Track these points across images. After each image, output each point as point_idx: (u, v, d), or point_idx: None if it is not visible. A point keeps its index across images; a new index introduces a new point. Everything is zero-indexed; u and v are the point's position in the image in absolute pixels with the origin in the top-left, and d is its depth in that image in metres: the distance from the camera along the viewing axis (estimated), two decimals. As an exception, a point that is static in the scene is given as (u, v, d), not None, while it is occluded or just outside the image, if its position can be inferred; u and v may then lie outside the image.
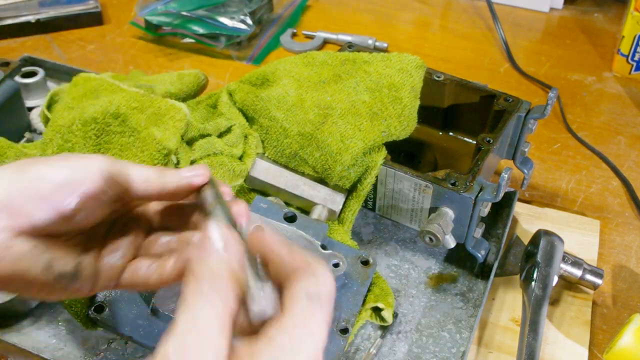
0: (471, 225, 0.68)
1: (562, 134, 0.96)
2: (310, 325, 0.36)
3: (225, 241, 0.38)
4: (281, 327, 0.35)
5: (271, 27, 1.16)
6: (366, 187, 0.71)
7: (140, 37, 1.13)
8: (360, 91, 0.74)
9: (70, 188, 0.42)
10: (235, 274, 0.37)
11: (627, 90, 1.04)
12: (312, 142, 0.72)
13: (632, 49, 1.03)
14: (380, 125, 0.72)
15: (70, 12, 1.13)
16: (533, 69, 1.08)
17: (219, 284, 0.36)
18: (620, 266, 0.78)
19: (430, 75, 0.79)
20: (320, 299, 0.37)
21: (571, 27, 1.18)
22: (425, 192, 0.69)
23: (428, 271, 0.74)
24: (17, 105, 0.85)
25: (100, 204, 0.44)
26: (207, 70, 0.92)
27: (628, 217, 0.84)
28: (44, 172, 0.42)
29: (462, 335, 0.68)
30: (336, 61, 0.79)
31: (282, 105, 0.74)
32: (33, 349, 0.65)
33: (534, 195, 0.86)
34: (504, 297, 0.73)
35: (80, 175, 0.43)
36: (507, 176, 0.64)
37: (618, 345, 0.65)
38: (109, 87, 0.73)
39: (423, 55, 0.80)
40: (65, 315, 0.67)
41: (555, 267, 0.70)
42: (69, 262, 0.45)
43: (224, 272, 0.37)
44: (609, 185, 0.88)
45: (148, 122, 0.68)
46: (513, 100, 0.76)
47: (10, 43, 1.11)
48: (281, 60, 0.81)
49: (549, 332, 0.70)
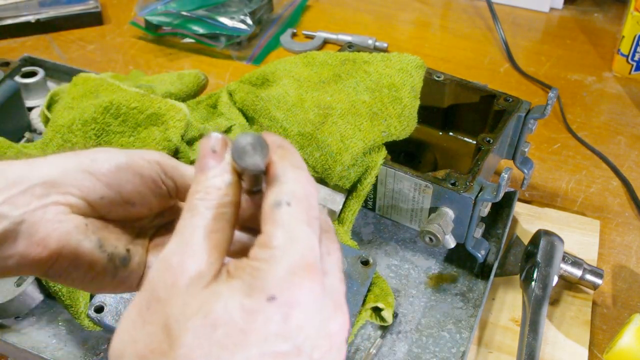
0: (471, 225, 0.68)
1: (562, 134, 0.96)
2: (289, 231, 0.33)
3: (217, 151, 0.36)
4: (259, 244, 0.33)
5: (271, 27, 1.16)
6: (366, 187, 0.71)
7: (140, 37, 1.13)
8: (360, 91, 0.74)
9: (128, 172, 0.42)
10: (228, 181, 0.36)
11: (627, 90, 1.04)
12: (312, 142, 0.72)
13: (632, 49, 1.03)
14: (380, 125, 0.72)
15: (70, 12, 1.13)
16: (533, 69, 1.08)
17: (210, 196, 0.35)
18: (620, 266, 0.78)
19: (430, 75, 0.79)
20: (289, 203, 0.34)
21: (571, 27, 1.18)
22: (425, 192, 0.69)
23: (428, 271, 0.74)
24: (17, 105, 0.85)
25: (155, 194, 0.43)
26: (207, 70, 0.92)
27: (628, 217, 0.84)
28: (101, 155, 0.42)
29: (462, 335, 0.68)
30: (336, 61, 0.79)
31: (282, 105, 0.74)
32: (33, 349, 0.65)
33: (534, 195, 0.86)
34: (504, 297, 0.73)
35: (139, 162, 0.42)
36: (507, 176, 0.64)
37: (618, 345, 0.65)
38: (109, 87, 0.73)
39: (423, 55, 0.80)
40: (65, 315, 0.67)
41: (555, 267, 0.70)
42: (120, 246, 0.44)
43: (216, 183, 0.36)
44: (609, 185, 0.88)
45: (148, 122, 0.68)
46: (513, 100, 0.76)
47: (10, 43, 1.11)
48: (281, 60, 0.81)
49: (549, 332, 0.70)
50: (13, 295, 0.65)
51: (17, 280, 0.65)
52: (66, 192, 0.41)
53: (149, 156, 0.43)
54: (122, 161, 0.42)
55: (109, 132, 0.68)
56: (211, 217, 0.35)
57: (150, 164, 0.43)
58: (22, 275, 0.61)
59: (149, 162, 0.43)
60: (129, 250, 0.45)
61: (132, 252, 0.45)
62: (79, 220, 0.42)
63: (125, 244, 0.45)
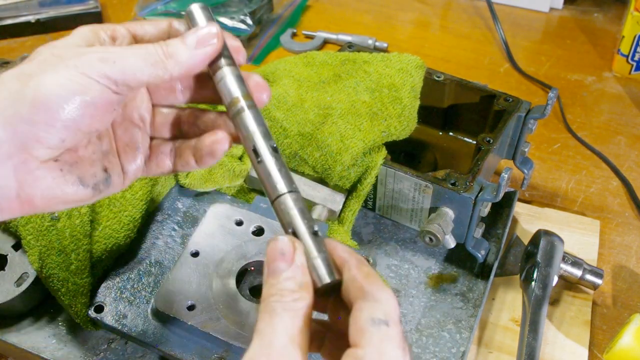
0: (471, 225, 0.68)
1: (562, 134, 0.96)
2: (385, 353, 0.36)
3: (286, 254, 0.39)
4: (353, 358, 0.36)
5: (271, 27, 1.16)
6: (366, 187, 0.71)
7: (140, 37, 1.13)
8: (360, 91, 0.74)
9: (83, 108, 0.39)
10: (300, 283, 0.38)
11: (627, 90, 1.04)
12: (312, 142, 0.72)
13: (632, 49, 1.03)
14: (380, 125, 0.72)
15: (70, 12, 1.13)
16: (533, 69, 1.08)
17: (285, 298, 0.37)
18: (620, 266, 0.78)
19: (430, 75, 0.79)
20: (387, 324, 0.36)
21: (571, 27, 1.18)
22: (425, 192, 0.69)
23: (428, 271, 0.74)
24: (17, 105, 0.85)
25: (111, 111, 0.42)
26: (207, 70, 0.92)
27: (628, 217, 0.84)
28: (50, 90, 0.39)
29: (462, 335, 0.68)
30: (336, 61, 0.79)
31: (282, 105, 0.74)
32: (33, 349, 0.65)
33: (534, 195, 0.86)
34: (504, 297, 0.73)
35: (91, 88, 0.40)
36: (507, 176, 0.64)
37: (618, 345, 0.65)
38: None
39: (423, 55, 0.80)
40: (65, 315, 0.67)
41: (555, 267, 0.70)
42: (98, 171, 0.44)
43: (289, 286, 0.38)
44: (609, 185, 0.88)
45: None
46: (513, 100, 0.76)
47: (10, 43, 1.11)
48: (281, 60, 0.81)
49: (549, 332, 0.70)
50: (13, 295, 0.65)
51: (17, 280, 0.65)
52: (26, 146, 0.39)
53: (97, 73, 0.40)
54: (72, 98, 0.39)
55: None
56: (289, 318, 0.37)
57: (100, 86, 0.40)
58: None
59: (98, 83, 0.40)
60: (106, 169, 0.44)
61: (109, 168, 0.45)
62: (54, 169, 0.41)
63: (100, 163, 0.44)
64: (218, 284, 0.62)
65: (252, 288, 0.64)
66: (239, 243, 0.65)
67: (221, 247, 0.64)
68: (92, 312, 0.62)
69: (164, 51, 0.42)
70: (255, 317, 0.60)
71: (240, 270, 0.63)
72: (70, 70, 0.39)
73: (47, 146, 0.39)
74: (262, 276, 0.64)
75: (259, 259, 0.64)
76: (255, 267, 0.64)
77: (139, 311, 0.62)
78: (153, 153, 0.48)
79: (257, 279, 0.64)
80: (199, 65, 0.43)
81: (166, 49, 0.42)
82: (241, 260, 0.64)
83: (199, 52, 0.43)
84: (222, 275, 0.63)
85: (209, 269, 0.63)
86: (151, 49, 0.42)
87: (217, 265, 0.63)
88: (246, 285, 0.64)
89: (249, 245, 0.65)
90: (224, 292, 0.61)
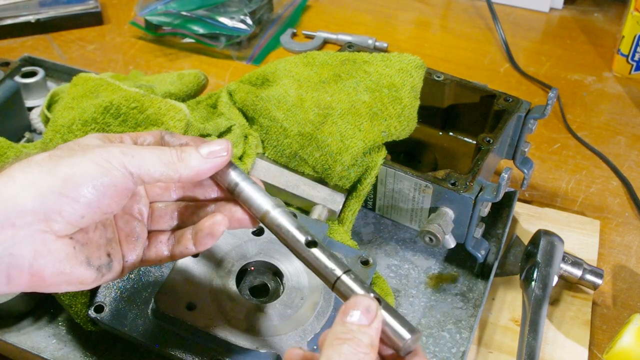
0: (471, 225, 0.68)
1: (562, 134, 0.96)
2: None
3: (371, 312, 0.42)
4: None
5: (271, 27, 1.16)
6: (366, 187, 0.71)
7: (140, 37, 1.13)
8: (360, 91, 0.74)
9: (105, 188, 0.44)
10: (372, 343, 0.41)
11: (627, 90, 1.04)
12: (312, 142, 0.72)
13: (632, 49, 1.03)
14: (380, 125, 0.72)
15: (70, 12, 1.13)
16: (533, 69, 1.08)
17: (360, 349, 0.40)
18: (620, 266, 0.78)
19: (430, 75, 0.79)
20: None
21: (571, 27, 1.18)
22: (425, 192, 0.69)
23: (428, 271, 0.74)
24: (17, 105, 0.85)
25: (127, 196, 0.46)
26: (207, 70, 0.92)
27: (628, 217, 0.84)
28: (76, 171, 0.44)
29: (462, 335, 0.68)
30: (336, 61, 0.79)
31: (282, 105, 0.74)
32: (33, 349, 0.65)
33: (534, 195, 0.86)
34: (504, 297, 0.73)
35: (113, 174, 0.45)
36: (507, 176, 0.64)
37: (618, 345, 0.65)
38: (109, 87, 0.73)
39: (423, 55, 0.80)
40: (65, 315, 0.67)
41: (555, 267, 0.70)
42: (102, 255, 0.48)
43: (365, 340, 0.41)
44: (609, 185, 0.88)
45: (148, 122, 0.68)
46: (513, 100, 0.76)
47: (10, 43, 1.11)
48: (281, 60, 0.81)
49: (549, 332, 0.70)
50: (13, 295, 0.65)
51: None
52: (48, 219, 0.43)
53: (118, 162, 0.45)
54: (98, 179, 0.44)
55: (109, 132, 0.68)
56: None
57: (121, 172, 0.45)
58: None
59: (119, 170, 0.45)
60: (109, 255, 0.49)
61: (112, 254, 0.49)
62: (68, 246, 0.44)
63: (105, 249, 0.48)
64: (218, 284, 0.62)
65: (252, 288, 0.64)
66: (239, 243, 0.65)
67: (221, 247, 0.64)
68: (92, 312, 0.62)
69: (178, 155, 0.48)
70: (256, 317, 0.60)
71: (240, 270, 0.63)
72: (96, 157, 0.45)
73: (67, 220, 0.43)
74: (261, 276, 0.64)
75: (259, 259, 0.64)
76: (255, 267, 0.64)
77: (139, 311, 0.62)
78: (151, 242, 0.53)
79: (257, 279, 0.64)
80: (207, 173, 0.49)
81: (181, 153, 0.48)
82: (241, 260, 0.64)
83: (209, 161, 0.48)
84: (222, 275, 0.63)
85: (209, 269, 0.63)
86: (167, 151, 0.48)
87: (217, 265, 0.63)
88: (246, 285, 0.64)
89: (249, 245, 0.65)
90: (224, 292, 0.61)
